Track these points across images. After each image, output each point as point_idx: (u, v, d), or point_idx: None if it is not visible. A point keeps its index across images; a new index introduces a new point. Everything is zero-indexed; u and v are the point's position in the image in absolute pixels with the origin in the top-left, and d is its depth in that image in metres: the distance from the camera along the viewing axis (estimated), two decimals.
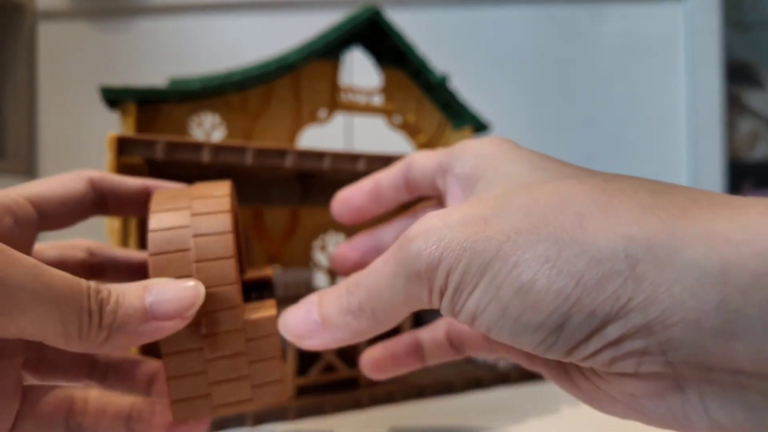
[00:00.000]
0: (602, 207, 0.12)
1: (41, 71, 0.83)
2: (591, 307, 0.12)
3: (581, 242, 0.12)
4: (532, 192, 0.14)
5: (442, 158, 0.19)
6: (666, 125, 0.84)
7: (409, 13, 0.83)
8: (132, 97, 0.36)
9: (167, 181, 0.22)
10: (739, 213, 0.11)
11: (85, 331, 0.14)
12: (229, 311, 0.17)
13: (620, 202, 0.12)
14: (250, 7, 0.83)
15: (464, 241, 0.13)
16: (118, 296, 0.15)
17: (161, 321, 0.15)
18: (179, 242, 0.17)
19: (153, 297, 0.15)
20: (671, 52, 0.83)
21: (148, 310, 0.15)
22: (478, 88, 0.72)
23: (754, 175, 0.91)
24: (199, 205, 0.18)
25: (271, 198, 0.41)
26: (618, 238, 0.12)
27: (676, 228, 0.11)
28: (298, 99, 0.44)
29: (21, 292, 0.13)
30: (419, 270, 0.14)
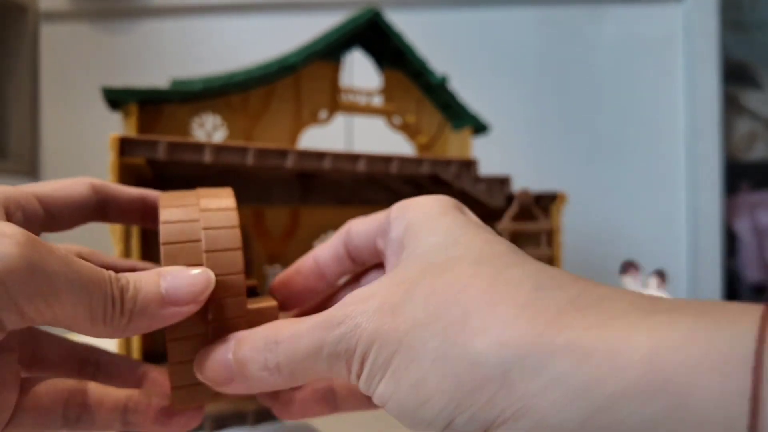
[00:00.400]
0: (487, 304, 0.13)
1: (44, 72, 0.83)
2: (471, 411, 0.12)
3: (463, 344, 0.12)
4: (435, 280, 0.14)
5: (381, 221, 0.19)
6: (664, 125, 0.84)
7: (408, 15, 0.84)
8: (134, 97, 0.36)
9: (166, 190, 0.23)
10: (608, 322, 0.11)
11: (109, 316, 0.15)
12: (235, 299, 0.18)
13: (503, 299, 0.13)
14: (252, 8, 0.84)
15: (375, 332, 0.14)
16: (136, 283, 0.16)
17: (177, 306, 0.16)
18: (190, 233, 0.18)
19: (168, 283, 0.16)
20: (670, 52, 0.84)
21: (164, 296, 0.16)
22: (477, 89, 0.72)
23: (751, 175, 0.91)
24: (208, 203, 0.19)
25: (272, 198, 0.41)
26: (493, 344, 0.12)
27: (546, 337, 0.12)
28: (299, 100, 0.44)
29: (57, 280, 0.13)
30: (339, 353, 0.14)
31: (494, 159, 0.77)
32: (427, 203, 0.18)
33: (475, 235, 0.16)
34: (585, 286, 0.13)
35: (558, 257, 0.40)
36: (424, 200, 0.18)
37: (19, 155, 0.83)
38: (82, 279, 0.14)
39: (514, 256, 0.14)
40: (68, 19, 0.83)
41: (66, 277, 0.14)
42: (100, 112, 0.55)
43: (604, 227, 0.84)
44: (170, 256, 0.17)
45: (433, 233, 0.16)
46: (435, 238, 0.16)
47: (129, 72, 0.82)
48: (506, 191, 0.39)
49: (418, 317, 0.13)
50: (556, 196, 0.40)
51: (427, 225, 0.17)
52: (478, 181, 0.38)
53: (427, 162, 0.36)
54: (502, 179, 0.39)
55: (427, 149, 0.51)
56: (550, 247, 0.40)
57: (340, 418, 0.25)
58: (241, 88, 0.40)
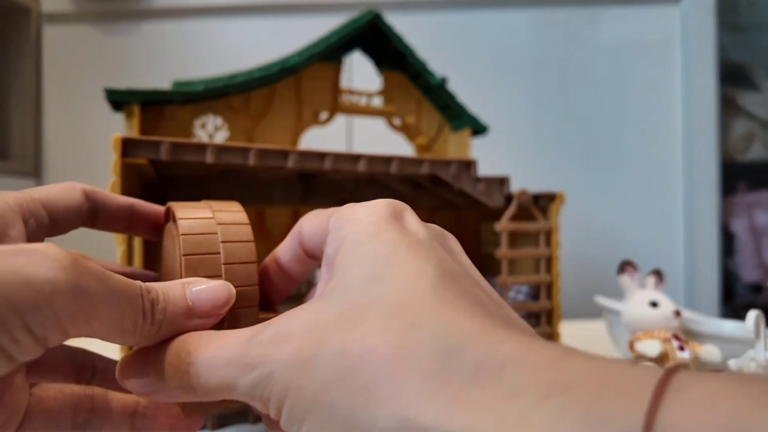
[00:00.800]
0: (392, 372, 0.12)
1: (46, 73, 0.83)
2: None
3: (367, 417, 0.12)
4: (347, 335, 0.14)
5: (325, 223, 0.18)
6: (662, 126, 0.84)
7: (408, 17, 0.84)
8: (136, 98, 0.36)
9: (152, 203, 0.23)
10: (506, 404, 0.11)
11: (140, 328, 0.15)
12: (250, 309, 0.19)
13: (408, 367, 0.12)
14: (253, 10, 0.84)
15: (288, 387, 0.14)
16: (165, 295, 0.16)
17: (201, 318, 0.17)
18: (209, 246, 0.19)
19: (194, 296, 0.17)
20: (667, 54, 0.84)
21: (191, 307, 0.17)
22: (476, 91, 0.73)
23: (748, 175, 0.92)
24: (223, 217, 0.20)
25: (273, 198, 0.42)
26: (396, 420, 0.12)
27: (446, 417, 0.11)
28: (300, 101, 0.45)
29: (97, 300, 0.14)
30: (254, 396, 0.14)
31: (493, 160, 0.77)
32: (363, 217, 0.17)
33: (402, 266, 0.15)
34: (490, 345, 0.12)
35: (556, 257, 0.40)
36: (360, 213, 0.17)
37: (22, 156, 0.83)
38: (118, 296, 0.15)
39: (430, 305, 0.14)
40: (71, 21, 0.83)
41: (104, 295, 0.14)
42: (103, 112, 0.55)
43: (602, 227, 0.84)
44: (191, 267, 0.18)
45: (360, 261, 0.15)
46: (360, 269, 0.15)
47: (131, 73, 0.82)
48: (505, 191, 0.39)
49: (328, 378, 0.13)
50: (555, 196, 0.40)
51: (357, 250, 0.16)
52: (477, 181, 0.38)
53: (427, 162, 0.36)
54: (501, 179, 0.39)
55: (426, 150, 0.51)
56: (548, 247, 0.40)
57: None
58: (243, 89, 0.40)
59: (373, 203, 0.18)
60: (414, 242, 0.16)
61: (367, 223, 0.17)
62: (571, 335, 0.54)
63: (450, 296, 0.14)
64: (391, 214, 0.17)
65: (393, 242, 0.16)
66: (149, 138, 0.30)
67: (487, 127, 0.50)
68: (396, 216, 0.17)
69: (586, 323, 0.60)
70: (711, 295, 0.82)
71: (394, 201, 0.18)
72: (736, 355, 0.37)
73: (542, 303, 0.40)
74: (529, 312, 0.41)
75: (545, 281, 0.40)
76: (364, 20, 0.43)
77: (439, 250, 0.16)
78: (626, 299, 0.40)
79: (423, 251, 0.16)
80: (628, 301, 0.39)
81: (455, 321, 0.13)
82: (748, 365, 0.34)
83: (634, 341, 0.36)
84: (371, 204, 0.17)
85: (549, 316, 0.41)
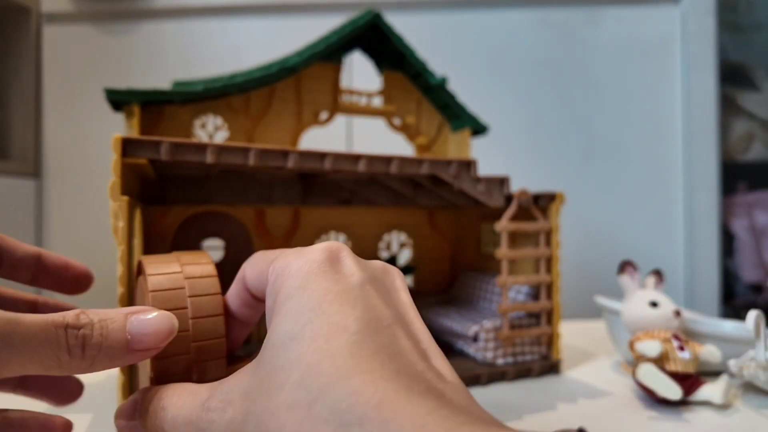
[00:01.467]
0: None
1: (46, 73, 0.83)
2: None
3: None
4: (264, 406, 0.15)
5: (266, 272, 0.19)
6: (662, 126, 0.84)
7: (408, 17, 0.84)
8: (136, 98, 0.36)
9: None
10: None
11: (65, 363, 0.16)
12: (217, 361, 0.20)
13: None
14: (253, 10, 0.84)
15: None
16: (102, 329, 0.17)
17: (141, 351, 0.17)
18: (177, 301, 0.20)
19: (135, 329, 0.17)
20: (667, 54, 0.84)
21: (130, 342, 0.17)
22: (476, 91, 0.73)
23: (748, 175, 0.92)
24: (191, 270, 0.21)
25: (273, 198, 0.42)
26: None
27: None
28: (300, 101, 0.45)
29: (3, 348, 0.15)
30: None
31: (493, 160, 0.77)
32: (294, 270, 0.17)
33: (321, 321, 0.15)
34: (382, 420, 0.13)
35: (556, 257, 0.40)
36: (293, 264, 0.17)
37: (22, 156, 0.83)
38: (25, 340, 0.15)
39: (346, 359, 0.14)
40: (71, 21, 0.83)
41: (7, 341, 0.15)
42: (103, 112, 0.55)
43: (602, 227, 0.84)
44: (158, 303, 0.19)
45: (285, 319, 0.16)
46: (283, 327, 0.16)
47: (131, 73, 0.82)
48: (505, 191, 0.39)
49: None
50: (555, 196, 0.40)
51: (284, 306, 0.16)
52: (477, 181, 0.38)
53: (427, 162, 0.36)
54: (501, 179, 0.39)
55: (426, 150, 0.51)
56: (548, 247, 0.40)
57: None
58: (242, 89, 0.40)
59: (310, 250, 0.18)
60: (342, 291, 0.16)
61: (296, 277, 0.17)
62: (571, 335, 0.54)
63: (364, 355, 0.14)
64: (326, 260, 0.17)
65: (318, 295, 0.16)
66: (149, 138, 0.30)
67: (487, 127, 0.50)
68: (331, 261, 0.17)
69: (586, 323, 0.60)
70: (711, 295, 0.82)
71: (331, 244, 0.18)
72: (736, 355, 0.37)
73: (542, 303, 0.40)
74: (529, 312, 0.41)
75: (545, 281, 0.40)
76: (364, 20, 0.43)
77: (369, 296, 0.17)
78: (626, 299, 0.40)
79: (349, 301, 0.16)
80: (628, 301, 0.39)
81: (360, 389, 0.13)
82: (748, 365, 0.34)
83: (634, 341, 0.36)
84: (306, 252, 0.18)
85: (549, 316, 0.41)
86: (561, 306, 0.41)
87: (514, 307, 0.39)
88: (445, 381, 0.15)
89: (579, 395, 0.36)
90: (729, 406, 0.33)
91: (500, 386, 0.38)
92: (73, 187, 0.83)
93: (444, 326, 0.44)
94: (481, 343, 0.40)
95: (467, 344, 0.42)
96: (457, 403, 0.14)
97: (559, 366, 0.41)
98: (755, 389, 0.37)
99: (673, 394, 0.32)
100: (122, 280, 0.28)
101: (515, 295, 0.42)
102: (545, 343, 0.41)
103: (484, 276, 0.47)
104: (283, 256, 0.18)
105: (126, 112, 0.38)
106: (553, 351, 0.41)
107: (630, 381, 0.39)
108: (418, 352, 0.16)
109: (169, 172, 0.36)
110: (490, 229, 0.47)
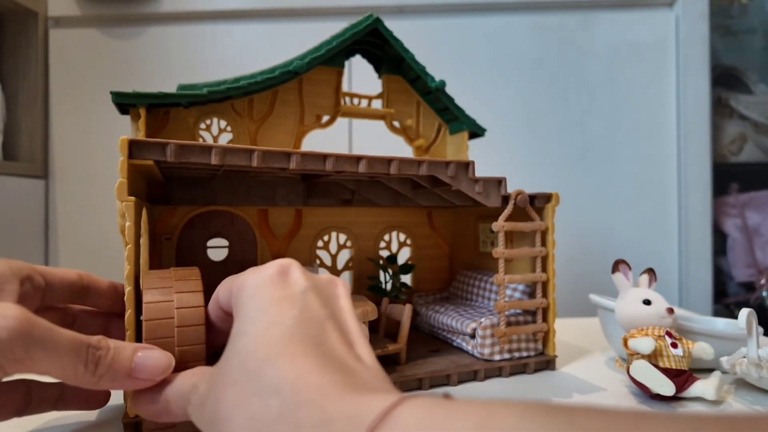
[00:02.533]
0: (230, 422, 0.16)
1: (53, 76, 0.84)
2: None
3: None
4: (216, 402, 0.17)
5: (233, 289, 0.22)
6: (656, 128, 0.85)
7: (407, 22, 0.85)
8: (142, 101, 0.37)
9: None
10: None
11: (80, 375, 0.21)
12: (197, 363, 0.24)
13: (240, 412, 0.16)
14: (256, 15, 0.85)
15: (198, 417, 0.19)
16: (114, 355, 0.22)
17: (140, 380, 0.22)
18: (166, 312, 0.24)
19: (139, 361, 0.22)
20: (661, 57, 0.85)
21: (133, 370, 0.22)
22: (474, 94, 0.74)
23: (740, 176, 0.93)
24: (181, 285, 0.26)
25: (277, 198, 0.42)
26: None
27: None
28: (302, 104, 0.45)
29: (35, 349, 0.20)
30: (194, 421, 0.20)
31: (490, 161, 0.78)
32: (250, 283, 0.21)
33: (262, 320, 0.19)
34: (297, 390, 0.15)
35: (551, 256, 0.41)
36: (249, 280, 0.21)
37: (31, 158, 0.83)
38: (58, 348, 0.20)
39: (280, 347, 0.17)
40: (77, 25, 0.84)
41: (44, 347, 0.20)
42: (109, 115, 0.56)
43: (596, 227, 0.85)
44: (150, 330, 0.24)
45: (238, 321, 0.19)
46: (236, 328, 0.19)
47: (136, 76, 0.83)
48: (502, 192, 0.40)
49: (206, 427, 0.18)
50: (551, 196, 0.41)
51: (239, 313, 0.20)
52: (475, 182, 0.39)
53: (426, 163, 0.37)
54: (498, 180, 0.40)
55: (425, 152, 0.52)
56: (544, 246, 0.41)
57: None
58: (246, 92, 0.41)
59: (264, 267, 0.21)
60: (285, 296, 0.20)
61: (251, 288, 0.20)
62: (566, 332, 0.54)
63: (294, 342, 0.17)
64: (276, 273, 0.21)
65: (265, 300, 0.19)
66: (155, 140, 0.30)
67: (484, 130, 0.51)
68: (280, 274, 0.21)
69: (580, 320, 0.61)
70: (704, 293, 0.83)
71: (283, 261, 0.22)
72: (729, 352, 0.37)
73: (538, 300, 0.41)
74: (525, 309, 0.42)
75: (541, 279, 0.41)
76: (365, 25, 0.44)
77: (308, 299, 0.20)
78: (620, 297, 0.41)
79: (289, 303, 0.19)
80: (621, 298, 0.40)
81: (282, 367, 0.16)
82: (741, 361, 0.35)
83: (627, 338, 0.36)
84: (261, 269, 0.21)
85: (544, 313, 0.42)
86: (556, 303, 0.42)
87: (511, 305, 0.40)
88: (363, 364, 0.18)
89: (574, 390, 0.37)
90: (721, 402, 0.34)
91: (497, 381, 0.39)
92: (80, 188, 0.84)
93: (442, 323, 0.44)
94: (478, 340, 0.40)
95: (465, 341, 0.42)
96: (367, 380, 0.16)
97: (554, 362, 0.42)
98: (747, 385, 0.37)
99: (666, 390, 0.32)
100: (129, 278, 0.28)
101: (512, 293, 0.43)
102: (541, 339, 0.42)
103: (482, 274, 0.47)
104: (244, 275, 0.22)
105: (132, 114, 0.38)
106: (549, 347, 0.42)
107: (624, 377, 0.39)
108: (344, 342, 0.19)
109: (175, 173, 0.37)
110: (488, 228, 0.48)
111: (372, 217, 0.50)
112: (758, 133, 0.94)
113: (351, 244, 0.49)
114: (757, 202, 0.92)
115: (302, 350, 0.17)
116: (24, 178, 0.81)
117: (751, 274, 0.91)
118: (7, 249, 0.77)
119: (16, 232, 0.79)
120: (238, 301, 0.20)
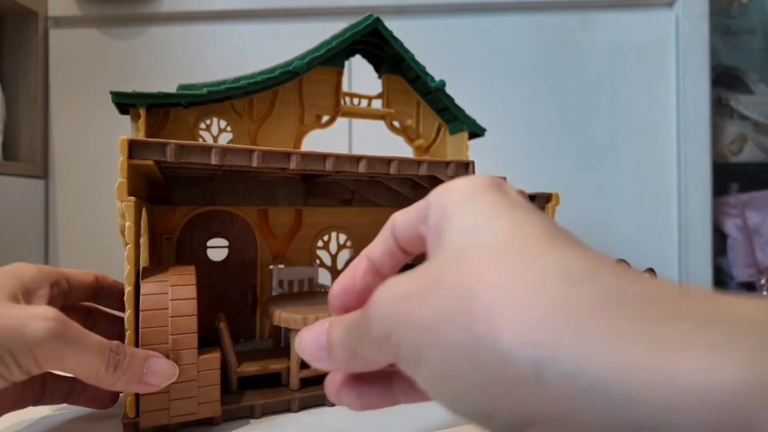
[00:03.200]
0: (513, 301, 0.12)
1: (53, 76, 0.84)
2: (508, 407, 0.12)
3: (491, 339, 0.12)
4: (460, 271, 0.14)
5: (422, 208, 0.19)
6: (656, 128, 0.85)
7: (407, 22, 0.85)
8: (142, 101, 0.37)
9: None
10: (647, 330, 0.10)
11: (101, 375, 0.24)
12: (190, 350, 0.27)
13: (529, 296, 0.12)
14: (256, 15, 0.85)
15: (404, 320, 0.14)
16: (130, 360, 0.25)
17: (148, 385, 0.25)
18: (161, 303, 0.27)
19: (149, 367, 0.25)
20: (661, 57, 0.85)
21: (144, 375, 0.25)
22: (474, 94, 0.74)
23: (740, 176, 0.93)
24: (176, 279, 0.28)
25: (276, 198, 0.42)
26: (525, 343, 0.11)
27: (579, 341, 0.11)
28: (302, 104, 0.45)
29: (68, 349, 0.23)
30: (378, 340, 0.15)
31: (490, 161, 0.78)
32: (464, 185, 0.17)
33: (505, 219, 0.15)
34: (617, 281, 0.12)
35: None
36: (460, 182, 0.18)
37: (31, 158, 0.83)
38: (87, 350, 0.23)
39: (542, 245, 0.14)
40: (77, 25, 0.84)
41: (76, 347, 0.23)
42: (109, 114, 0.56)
43: (597, 227, 0.85)
44: (146, 320, 0.26)
45: (464, 217, 0.16)
46: (464, 223, 0.16)
47: (136, 76, 0.83)
48: None
49: (444, 309, 0.13)
50: (550, 196, 0.41)
51: (460, 209, 0.16)
52: None
53: (426, 163, 0.37)
54: None
55: (425, 152, 0.52)
56: None
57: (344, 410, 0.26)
58: (246, 92, 0.41)
59: (472, 176, 0.18)
60: (515, 203, 0.16)
61: (469, 188, 0.17)
62: None
63: (562, 240, 0.14)
64: (492, 183, 0.17)
65: (495, 201, 0.16)
66: (155, 140, 0.30)
67: (484, 130, 0.51)
68: (496, 185, 0.17)
69: None
70: None
71: (491, 175, 0.18)
72: None
73: None
74: None
75: None
76: (365, 24, 0.44)
77: (541, 212, 0.16)
78: None
79: (524, 209, 0.16)
80: None
81: (573, 258, 0.13)
82: None
83: None
84: (470, 176, 0.18)
85: None
86: None
87: None
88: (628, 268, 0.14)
89: None
90: None
91: None
92: (80, 188, 0.84)
93: None
94: None
95: None
96: None
97: None
98: None
99: None
100: (129, 278, 0.28)
101: None
102: None
103: None
104: (445, 183, 0.18)
105: (132, 114, 0.38)
106: None
107: None
108: None
109: (175, 173, 0.37)
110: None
111: (372, 217, 0.50)
112: (758, 133, 0.94)
113: (351, 244, 0.49)
114: (757, 202, 0.92)
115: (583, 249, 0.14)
116: (24, 178, 0.81)
117: (751, 274, 0.91)
118: (7, 249, 0.78)
119: (16, 232, 0.80)
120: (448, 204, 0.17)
